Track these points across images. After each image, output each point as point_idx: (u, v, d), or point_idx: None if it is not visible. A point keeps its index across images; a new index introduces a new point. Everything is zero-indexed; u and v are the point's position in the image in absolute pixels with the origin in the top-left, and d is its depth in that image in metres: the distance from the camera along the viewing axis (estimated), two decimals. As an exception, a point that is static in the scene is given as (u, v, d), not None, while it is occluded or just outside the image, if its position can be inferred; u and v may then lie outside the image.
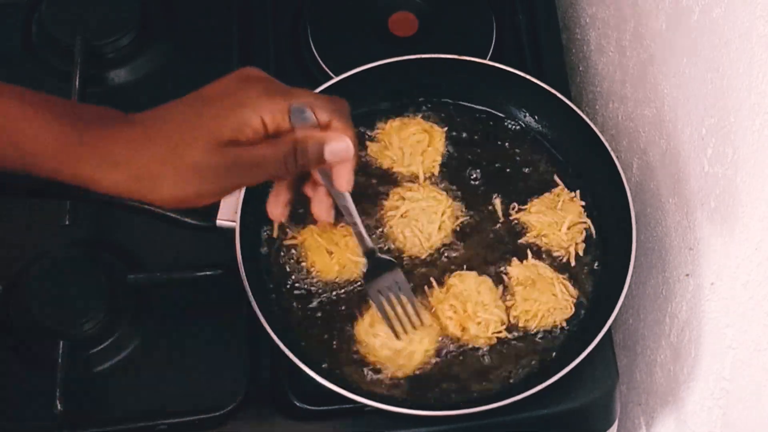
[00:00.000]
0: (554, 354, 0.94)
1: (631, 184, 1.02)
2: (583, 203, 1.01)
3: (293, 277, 0.96)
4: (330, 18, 1.15)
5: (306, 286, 0.96)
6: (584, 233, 1.00)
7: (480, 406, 0.89)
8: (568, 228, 0.99)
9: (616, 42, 1.07)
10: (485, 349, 0.94)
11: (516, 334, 0.95)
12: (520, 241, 0.99)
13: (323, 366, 0.93)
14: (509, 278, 0.97)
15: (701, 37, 0.83)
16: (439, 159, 1.02)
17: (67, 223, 1.00)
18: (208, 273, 0.98)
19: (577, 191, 1.01)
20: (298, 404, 0.94)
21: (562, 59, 1.15)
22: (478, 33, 1.15)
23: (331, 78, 1.02)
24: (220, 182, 0.72)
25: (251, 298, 0.90)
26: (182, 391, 0.96)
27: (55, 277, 0.97)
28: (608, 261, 0.98)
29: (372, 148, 1.02)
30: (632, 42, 1.02)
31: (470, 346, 0.94)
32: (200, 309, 1.01)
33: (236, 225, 0.93)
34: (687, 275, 0.96)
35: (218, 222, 0.93)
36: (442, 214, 0.98)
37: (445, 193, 1.00)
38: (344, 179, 0.80)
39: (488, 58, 1.10)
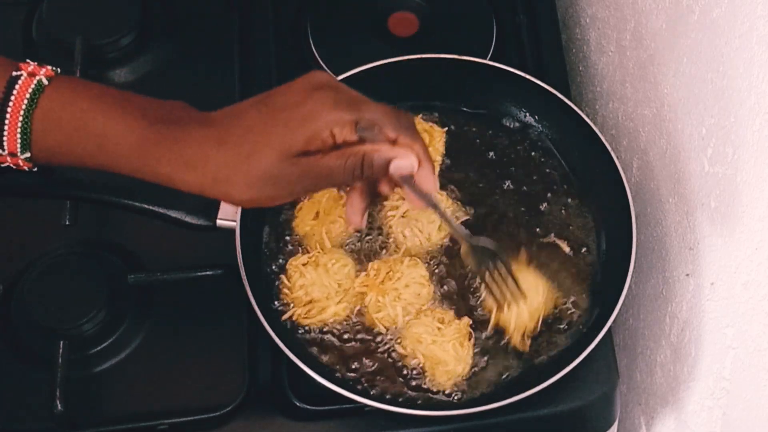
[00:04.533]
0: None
1: (631, 184, 1.02)
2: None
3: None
4: (330, 18, 1.15)
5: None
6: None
7: (480, 406, 0.89)
8: None
9: (616, 42, 1.07)
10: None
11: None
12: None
13: (323, 364, 0.93)
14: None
15: (701, 37, 0.83)
16: (439, 159, 1.02)
17: (67, 223, 1.00)
18: (208, 273, 0.98)
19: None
20: (298, 404, 0.94)
21: (562, 59, 1.15)
22: (478, 33, 1.15)
23: (331, 78, 1.02)
24: (290, 189, 0.75)
25: (251, 298, 0.90)
26: (182, 391, 0.96)
27: (55, 277, 0.97)
28: (608, 261, 0.98)
29: (372, 148, 1.02)
30: (632, 42, 1.02)
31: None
32: (200, 309, 1.01)
33: (236, 225, 0.93)
34: (687, 275, 0.96)
35: (218, 222, 0.93)
36: (442, 214, 0.98)
37: (445, 193, 1.00)
38: (429, 181, 0.80)
39: (488, 58, 1.10)
